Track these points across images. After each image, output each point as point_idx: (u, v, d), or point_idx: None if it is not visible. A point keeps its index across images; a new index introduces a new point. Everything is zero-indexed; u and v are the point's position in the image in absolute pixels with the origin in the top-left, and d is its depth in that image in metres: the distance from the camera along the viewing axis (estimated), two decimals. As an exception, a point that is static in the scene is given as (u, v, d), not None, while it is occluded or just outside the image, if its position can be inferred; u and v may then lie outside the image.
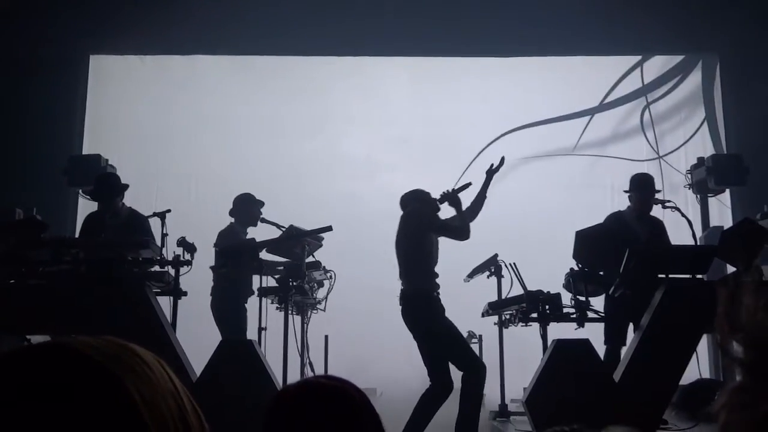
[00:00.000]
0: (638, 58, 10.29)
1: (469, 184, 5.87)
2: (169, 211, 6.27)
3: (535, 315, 5.84)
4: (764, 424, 0.68)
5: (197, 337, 6.25)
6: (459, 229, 5.66)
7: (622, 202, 6.83)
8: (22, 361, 0.73)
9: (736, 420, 0.70)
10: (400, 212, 5.77)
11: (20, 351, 0.75)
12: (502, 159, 5.97)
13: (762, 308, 0.74)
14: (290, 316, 6.15)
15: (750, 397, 0.70)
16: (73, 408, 0.70)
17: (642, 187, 6.52)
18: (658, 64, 10.31)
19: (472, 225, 5.73)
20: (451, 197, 5.69)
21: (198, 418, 0.80)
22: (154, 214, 6.31)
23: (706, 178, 8.95)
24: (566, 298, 5.85)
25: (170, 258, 5.77)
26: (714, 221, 9.18)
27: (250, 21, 9.75)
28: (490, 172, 5.97)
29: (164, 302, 5.65)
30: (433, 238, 5.67)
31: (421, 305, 5.49)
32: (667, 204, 6.36)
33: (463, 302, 6.43)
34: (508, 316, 6.53)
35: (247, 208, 7.14)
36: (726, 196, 9.56)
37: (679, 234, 6.47)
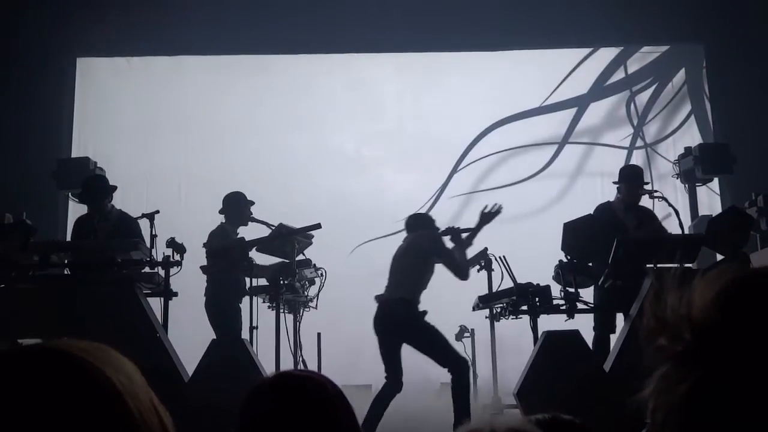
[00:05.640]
0: (624, 49, 10.32)
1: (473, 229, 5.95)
2: (157, 212, 6.24)
3: (525, 307, 5.89)
4: (681, 405, 0.74)
5: (188, 337, 6.23)
6: (462, 267, 5.79)
7: (611, 192, 6.86)
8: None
9: (660, 404, 0.78)
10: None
11: None
12: (499, 207, 5.98)
13: (684, 302, 0.78)
14: (282, 315, 6.15)
15: (670, 382, 0.77)
16: (61, 398, 0.74)
17: (630, 178, 6.54)
18: (645, 56, 10.34)
19: None
20: (454, 233, 5.82)
21: (167, 416, 0.83)
22: (143, 216, 6.28)
23: (694, 167, 8.98)
24: (556, 289, 5.88)
25: (160, 259, 5.77)
26: (703, 210, 9.22)
27: (237, 20, 9.72)
28: (485, 216, 5.94)
29: (155, 303, 5.66)
30: (434, 264, 5.80)
31: (405, 312, 5.61)
32: (654, 194, 6.41)
33: (454, 296, 6.47)
34: (498, 309, 6.56)
35: (237, 208, 7.02)
36: (715, 184, 9.61)
37: (667, 224, 6.52)
